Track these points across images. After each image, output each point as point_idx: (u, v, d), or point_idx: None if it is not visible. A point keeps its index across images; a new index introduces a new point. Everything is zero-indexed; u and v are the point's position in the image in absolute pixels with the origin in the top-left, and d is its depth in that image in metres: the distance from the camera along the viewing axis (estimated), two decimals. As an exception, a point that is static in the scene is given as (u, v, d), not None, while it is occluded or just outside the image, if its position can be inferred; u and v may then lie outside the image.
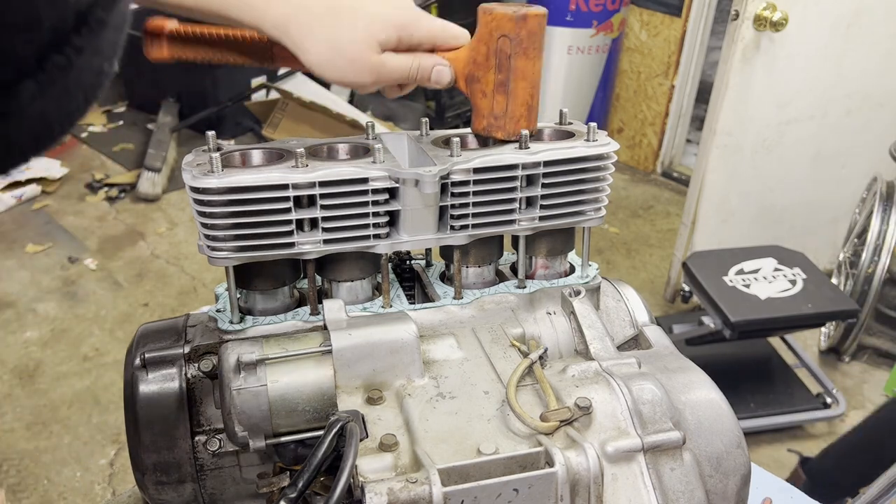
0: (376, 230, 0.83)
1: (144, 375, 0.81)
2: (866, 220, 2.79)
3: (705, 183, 2.96)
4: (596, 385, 0.74)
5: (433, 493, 0.61)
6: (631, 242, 3.73)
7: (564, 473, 0.65)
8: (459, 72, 0.85)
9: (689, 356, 0.83)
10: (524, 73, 0.83)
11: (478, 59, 0.84)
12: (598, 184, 0.89)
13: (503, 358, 0.81)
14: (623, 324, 0.92)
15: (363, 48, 0.80)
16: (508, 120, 0.85)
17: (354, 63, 0.80)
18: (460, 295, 0.90)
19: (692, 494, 0.70)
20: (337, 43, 0.79)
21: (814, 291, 2.42)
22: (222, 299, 0.86)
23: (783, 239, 2.87)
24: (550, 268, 0.95)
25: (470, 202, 0.85)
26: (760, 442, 2.50)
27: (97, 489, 2.30)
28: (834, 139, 3.06)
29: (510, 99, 0.84)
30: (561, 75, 4.11)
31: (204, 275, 3.28)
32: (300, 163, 0.79)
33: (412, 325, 0.80)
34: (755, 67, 2.77)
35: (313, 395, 0.77)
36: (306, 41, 0.79)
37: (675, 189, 4.23)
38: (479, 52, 0.83)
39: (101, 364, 2.78)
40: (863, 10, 2.81)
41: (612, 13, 4.06)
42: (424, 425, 0.71)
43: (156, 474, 0.81)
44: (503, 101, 0.84)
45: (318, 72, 0.81)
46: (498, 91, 0.84)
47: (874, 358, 2.89)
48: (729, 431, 0.75)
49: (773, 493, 1.31)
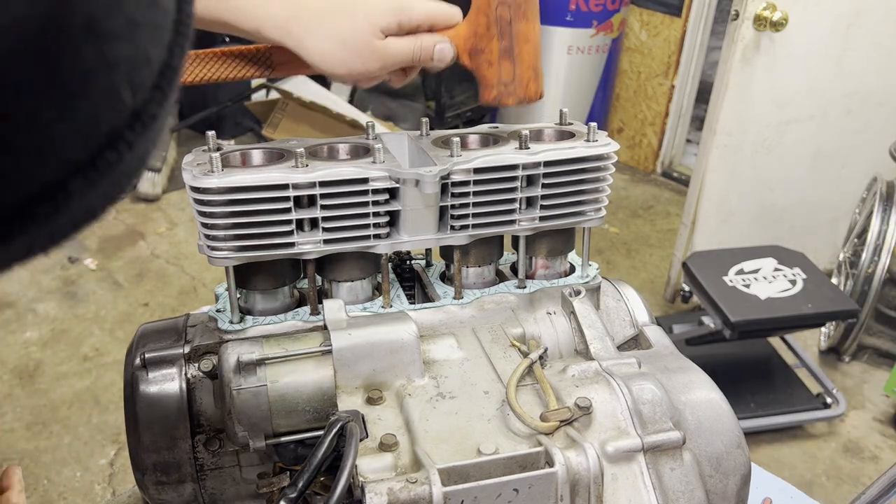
0: (376, 230, 0.83)
1: (144, 375, 0.81)
2: (866, 220, 2.78)
3: (705, 183, 2.96)
4: (596, 385, 0.74)
5: (433, 493, 0.61)
6: (631, 242, 3.73)
7: (564, 473, 0.65)
8: (461, 47, 0.86)
9: (689, 356, 0.83)
10: (526, 35, 0.84)
11: (479, 31, 0.84)
12: (598, 184, 0.89)
13: (503, 358, 0.81)
14: (623, 324, 0.92)
15: (366, 37, 0.81)
16: (518, 85, 0.86)
17: (360, 53, 0.81)
18: (460, 295, 0.90)
19: (692, 494, 0.70)
20: (340, 36, 0.80)
21: (814, 291, 2.42)
22: (222, 299, 0.86)
23: (783, 239, 2.87)
24: (550, 268, 0.94)
25: (470, 202, 0.85)
26: (760, 442, 2.50)
27: (97, 489, 2.30)
28: (834, 139, 3.06)
29: (516, 63, 0.85)
30: (561, 75, 4.11)
31: (204, 275, 3.28)
32: (300, 163, 0.79)
33: (412, 325, 0.80)
34: (755, 67, 2.77)
35: (313, 395, 0.77)
36: (309, 39, 0.80)
37: (675, 189, 4.23)
38: (479, 23, 0.84)
39: (101, 364, 2.78)
40: (863, 10, 2.81)
41: (612, 13, 4.06)
42: (424, 425, 0.71)
43: (156, 474, 0.81)
44: (510, 67, 0.85)
45: (324, 68, 0.82)
46: (504, 58, 0.85)
47: (874, 358, 2.89)
48: (729, 431, 0.75)
49: (773, 493, 1.31)
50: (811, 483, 2.37)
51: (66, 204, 0.27)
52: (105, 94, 0.26)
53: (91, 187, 0.27)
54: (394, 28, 0.82)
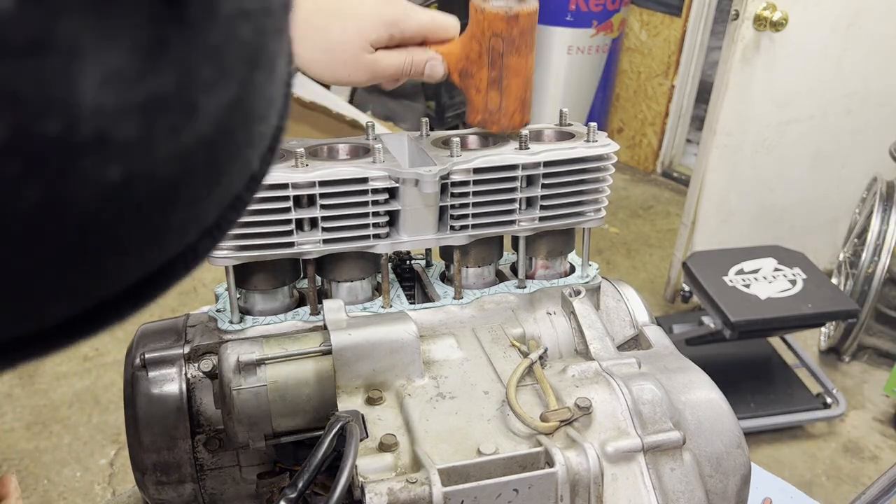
0: (376, 230, 0.83)
1: (144, 375, 0.81)
2: (866, 220, 2.78)
3: (705, 183, 2.96)
4: (596, 385, 0.74)
5: (433, 493, 0.61)
6: (631, 242, 3.73)
7: (564, 473, 0.65)
8: (452, 66, 0.85)
9: (689, 356, 0.83)
10: (517, 70, 0.83)
11: (471, 56, 0.84)
12: (598, 185, 0.89)
13: (503, 358, 0.81)
14: (623, 324, 0.92)
15: (355, 49, 0.80)
16: (503, 115, 0.85)
17: (347, 64, 0.81)
18: (460, 295, 0.90)
19: (692, 494, 0.70)
20: (329, 46, 0.80)
21: (814, 291, 2.42)
22: (222, 299, 0.86)
23: (783, 239, 2.87)
24: (550, 268, 0.95)
25: (470, 202, 0.85)
26: (760, 442, 2.50)
27: (97, 489, 2.30)
28: (834, 139, 3.06)
29: (504, 95, 0.84)
30: (561, 75, 4.11)
31: (204, 275, 3.28)
32: (300, 162, 0.79)
33: (412, 325, 0.80)
34: (755, 67, 2.77)
35: (313, 395, 0.77)
36: (299, 46, 0.80)
37: (675, 189, 4.23)
38: (471, 49, 0.83)
39: (101, 364, 2.78)
40: (863, 10, 2.81)
41: (612, 13, 4.05)
42: (424, 425, 0.71)
43: (156, 474, 0.81)
44: (497, 97, 0.85)
45: (311, 74, 0.82)
46: (491, 88, 0.84)
47: (874, 358, 2.89)
48: (729, 431, 0.75)
49: (773, 493, 1.31)
50: (811, 483, 2.37)
51: (195, 262, 0.29)
52: (242, 168, 0.28)
53: (214, 245, 0.30)
54: (384, 41, 0.82)
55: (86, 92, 0.20)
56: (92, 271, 0.24)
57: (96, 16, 0.20)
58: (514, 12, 0.80)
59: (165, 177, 0.24)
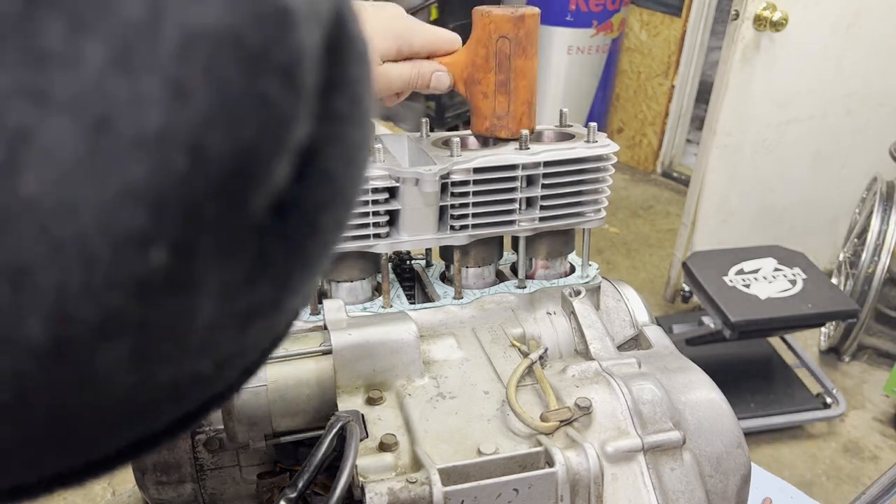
0: (376, 230, 0.83)
1: (144, 375, 0.81)
2: (866, 220, 2.78)
3: (705, 183, 2.96)
4: (596, 385, 0.74)
5: (433, 493, 0.61)
6: (631, 242, 3.73)
7: (564, 473, 0.65)
8: (457, 75, 0.86)
9: (689, 356, 0.83)
10: (524, 72, 0.84)
11: (477, 62, 0.84)
12: (597, 185, 0.89)
13: (503, 358, 0.81)
14: (623, 324, 0.92)
15: None
16: (511, 119, 0.86)
17: None
18: (460, 295, 0.90)
19: (692, 494, 0.70)
20: None
21: (814, 291, 2.42)
22: (222, 299, 0.86)
23: (783, 239, 2.87)
24: (550, 268, 0.95)
25: (470, 202, 0.85)
26: (760, 442, 2.50)
27: (97, 489, 2.30)
28: (834, 139, 3.06)
29: (512, 98, 0.85)
30: (561, 75, 4.11)
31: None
32: (300, 163, 0.79)
33: (412, 325, 0.80)
34: (755, 67, 2.77)
35: (313, 395, 0.77)
36: None
37: (675, 189, 4.23)
38: (477, 54, 0.84)
39: (101, 364, 2.77)
40: (863, 10, 2.81)
41: (612, 13, 4.06)
42: (424, 425, 0.71)
43: (156, 474, 0.81)
44: (505, 102, 0.85)
45: None
46: (499, 91, 0.85)
47: (874, 358, 2.89)
48: (729, 431, 0.75)
49: (773, 493, 1.31)
50: (811, 483, 2.38)
51: (217, 406, 0.30)
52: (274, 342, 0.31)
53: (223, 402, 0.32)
54: (392, 54, 0.82)
55: (205, 317, 0.22)
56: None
57: (225, 260, 0.21)
58: (521, 13, 0.81)
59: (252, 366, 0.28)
